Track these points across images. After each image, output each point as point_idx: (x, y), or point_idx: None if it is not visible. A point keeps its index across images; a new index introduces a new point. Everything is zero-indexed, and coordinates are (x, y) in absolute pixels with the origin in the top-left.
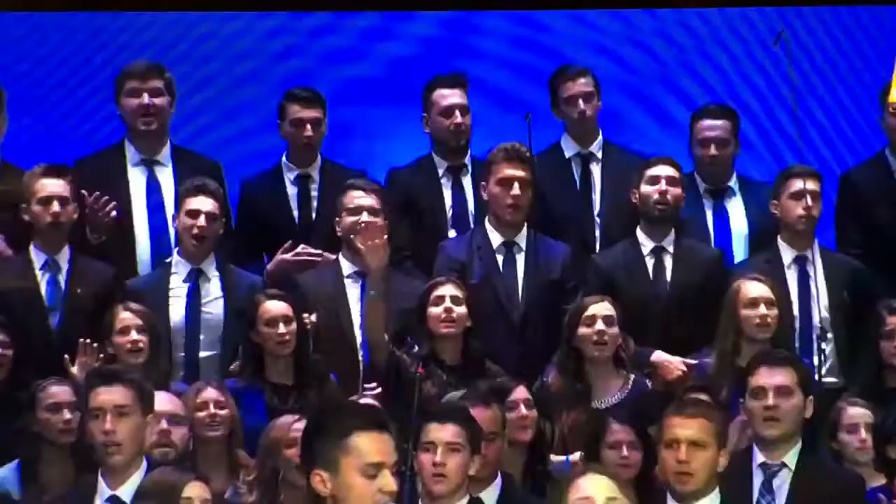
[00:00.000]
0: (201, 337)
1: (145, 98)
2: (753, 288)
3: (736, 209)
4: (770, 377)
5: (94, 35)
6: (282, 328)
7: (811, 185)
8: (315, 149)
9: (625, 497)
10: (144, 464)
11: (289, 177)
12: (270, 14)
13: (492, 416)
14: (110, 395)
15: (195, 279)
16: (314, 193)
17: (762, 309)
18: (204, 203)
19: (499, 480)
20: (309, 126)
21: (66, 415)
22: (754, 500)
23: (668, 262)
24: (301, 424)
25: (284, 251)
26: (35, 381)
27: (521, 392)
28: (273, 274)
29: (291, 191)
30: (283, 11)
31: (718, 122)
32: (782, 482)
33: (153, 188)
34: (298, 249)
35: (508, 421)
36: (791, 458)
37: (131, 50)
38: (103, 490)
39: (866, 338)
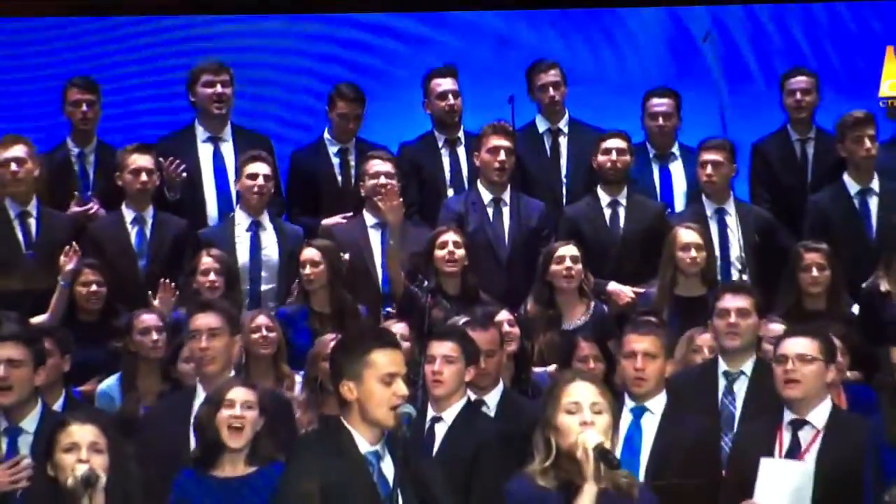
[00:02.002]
0: (262, 274)
1: (218, 87)
2: (686, 235)
3: (677, 171)
4: (733, 301)
5: (171, 39)
6: (308, 269)
7: (711, 156)
8: (355, 132)
9: (604, 401)
10: (233, 374)
11: (331, 150)
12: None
13: (491, 336)
14: (205, 320)
15: (255, 229)
16: (353, 164)
17: (692, 252)
18: (260, 167)
19: (500, 387)
20: (352, 119)
21: (154, 336)
22: (719, 400)
23: (622, 212)
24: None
25: (344, 217)
26: (128, 311)
27: (504, 314)
28: (326, 228)
29: (335, 161)
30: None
31: (664, 100)
32: (741, 386)
33: (218, 159)
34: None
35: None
36: (748, 366)
37: (196, 50)
38: (201, 394)
39: (787, 271)
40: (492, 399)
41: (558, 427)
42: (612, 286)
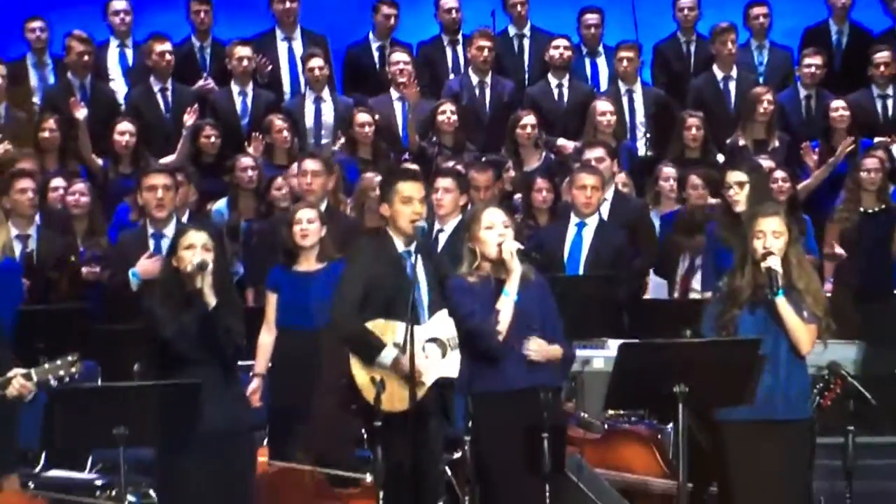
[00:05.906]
0: (323, 132)
1: (287, 4)
2: (601, 105)
3: (602, 64)
4: (591, 153)
5: None
6: (366, 129)
7: (623, 53)
8: (391, 30)
9: (509, 219)
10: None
11: (374, 46)
12: None
13: (488, 175)
14: (313, 164)
15: (318, 103)
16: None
17: (608, 117)
18: (318, 62)
19: None
20: (392, 18)
21: (250, 172)
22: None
23: (566, 91)
24: (375, 178)
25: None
26: (233, 155)
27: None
28: (365, 101)
29: (375, 54)
30: None
31: (594, 15)
32: (604, 208)
33: (291, 53)
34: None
35: None
36: (609, 194)
37: None
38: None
39: (675, 131)
40: None
41: (481, 239)
42: (561, 141)
